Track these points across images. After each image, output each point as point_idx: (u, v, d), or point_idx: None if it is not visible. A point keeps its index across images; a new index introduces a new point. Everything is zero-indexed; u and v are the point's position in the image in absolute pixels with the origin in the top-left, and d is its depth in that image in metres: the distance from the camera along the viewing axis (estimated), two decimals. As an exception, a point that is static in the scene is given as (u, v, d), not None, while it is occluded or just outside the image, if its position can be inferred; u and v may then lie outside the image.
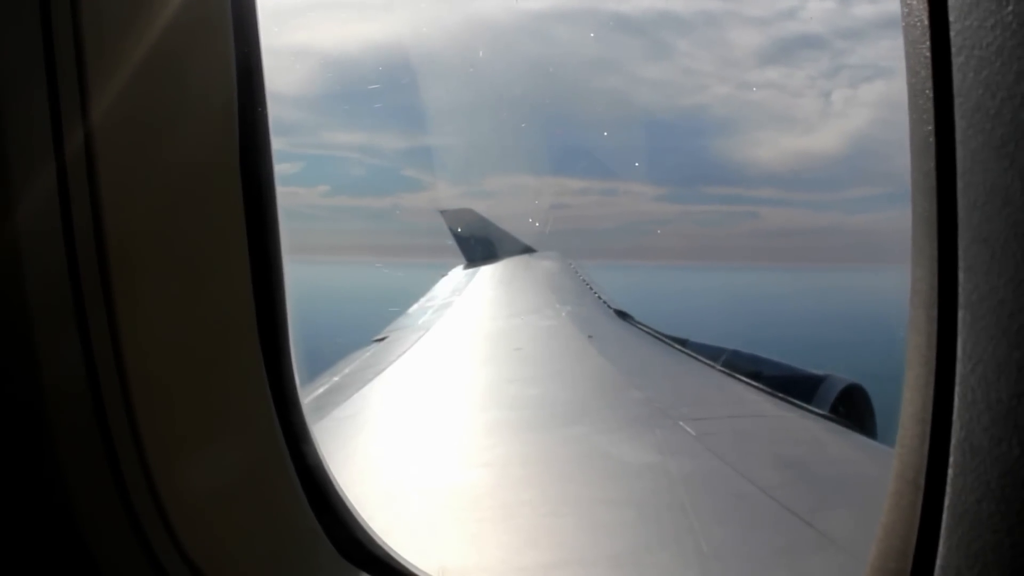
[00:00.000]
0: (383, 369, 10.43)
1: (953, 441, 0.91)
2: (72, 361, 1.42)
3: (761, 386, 9.35)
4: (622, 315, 15.04)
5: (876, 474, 6.34)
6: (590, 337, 12.19)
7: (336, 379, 10.13)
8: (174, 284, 1.57)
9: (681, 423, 7.17)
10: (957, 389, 0.91)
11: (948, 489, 0.92)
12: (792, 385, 9.78)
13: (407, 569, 2.05)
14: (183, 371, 1.60)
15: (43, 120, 1.36)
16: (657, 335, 13.16)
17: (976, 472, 0.88)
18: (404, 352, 11.73)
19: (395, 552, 2.06)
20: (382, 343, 13.22)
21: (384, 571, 2.01)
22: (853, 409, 10.00)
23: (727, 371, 10.24)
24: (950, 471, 0.92)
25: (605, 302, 16.57)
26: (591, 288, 18.72)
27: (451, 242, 31.80)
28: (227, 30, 1.59)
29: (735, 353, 12.27)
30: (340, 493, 1.96)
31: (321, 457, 1.92)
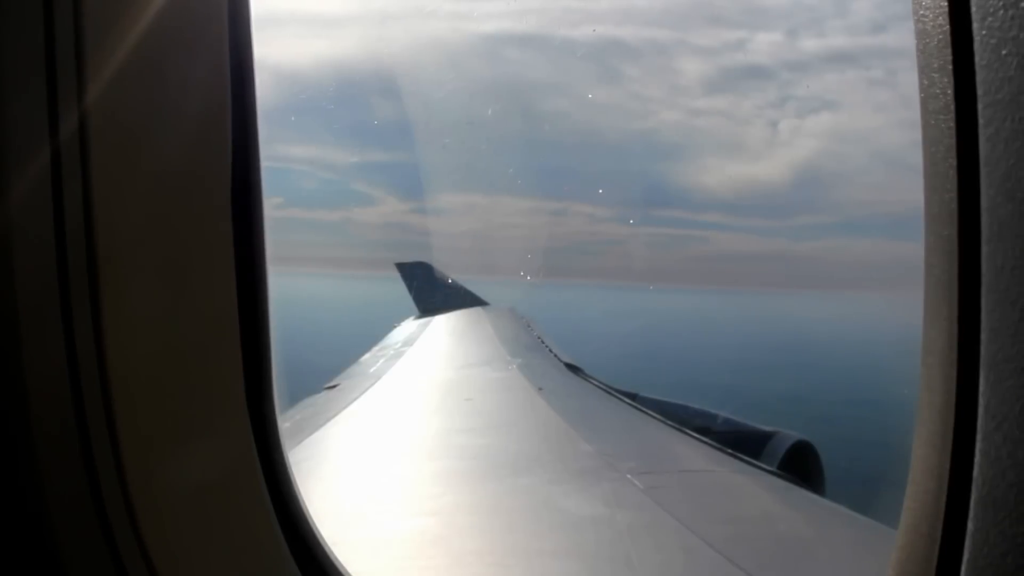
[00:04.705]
0: (332, 416, 10.27)
1: (974, 496, 0.94)
2: (56, 360, 1.43)
3: (710, 441, 9.39)
4: (573, 369, 15.06)
5: (823, 531, 6.39)
6: (540, 389, 12.16)
7: (287, 424, 9.91)
8: (161, 287, 1.58)
9: (629, 476, 7.15)
10: (979, 446, 0.93)
11: (968, 542, 0.94)
12: (740, 440, 9.84)
13: None
14: (166, 377, 1.59)
15: (40, 118, 1.38)
16: (607, 389, 13.19)
17: (1000, 527, 0.90)
18: (354, 400, 11.57)
19: None
20: (333, 390, 13.04)
21: None
22: (801, 465, 10.08)
23: (676, 426, 10.27)
24: (970, 525, 0.94)
25: (556, 355, 16.58)
26: (543, 342, 18.74)
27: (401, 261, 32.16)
28: (222, 33, 1.61)
29: (684, 408, 12.35)
30: (316, 531, 1.97)
31: (297, 491, 1.91)
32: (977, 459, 0.94)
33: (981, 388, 0.94)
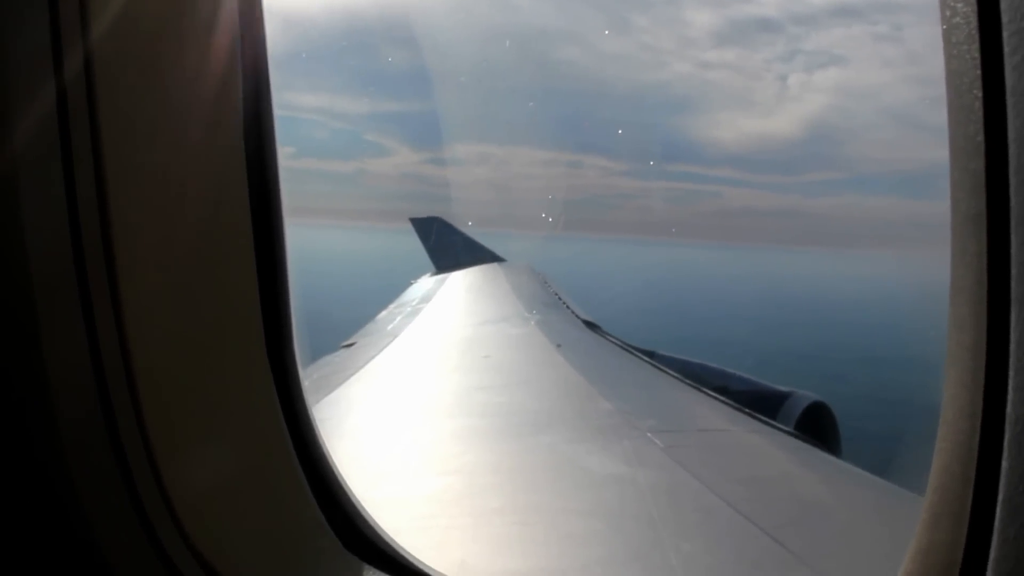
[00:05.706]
0: (349, 376, 10.32)
1: (1008, 435, 0.93)
2: (78, 353, 1.40)
3: (728, 400, 9.41)
4: (591, 326, 15.06)
5: (839, 491, 6.42)
6: (559, 346, 12.18)
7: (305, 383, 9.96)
8: (180, 275, 1.55)
9: (649, 434, 7.18)
10: (1012, 382, 0.92)
11: (1002, 482, 0.93)
12: (757, 400, 9.87)
13: (411, 564, 2.05)
14: (188, 363, 1.58)
15: (50, 112, 1.35)
16: (625, 346, 13.20)
17: None
18: (372, 358, 11.62)
19: (400, 546, 2.06)
20: (350, 349, 13.11)
21: (389, 565, 2.01)
22: (817, 426, 10.11)
23: (694, 384, 10.29)
24: (1004, 464, 0.93)
25: (574, 312, 16.57)
26: (560, 298, 18.73)
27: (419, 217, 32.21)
28: (233, 14, 1.59)
29: (702, 367, 12.37)
30: (345, 486, 1.96)
31: (325, 450, 1.91)
32: (1010, 396, 0.92)
33: (1013, 323, 0.92)
